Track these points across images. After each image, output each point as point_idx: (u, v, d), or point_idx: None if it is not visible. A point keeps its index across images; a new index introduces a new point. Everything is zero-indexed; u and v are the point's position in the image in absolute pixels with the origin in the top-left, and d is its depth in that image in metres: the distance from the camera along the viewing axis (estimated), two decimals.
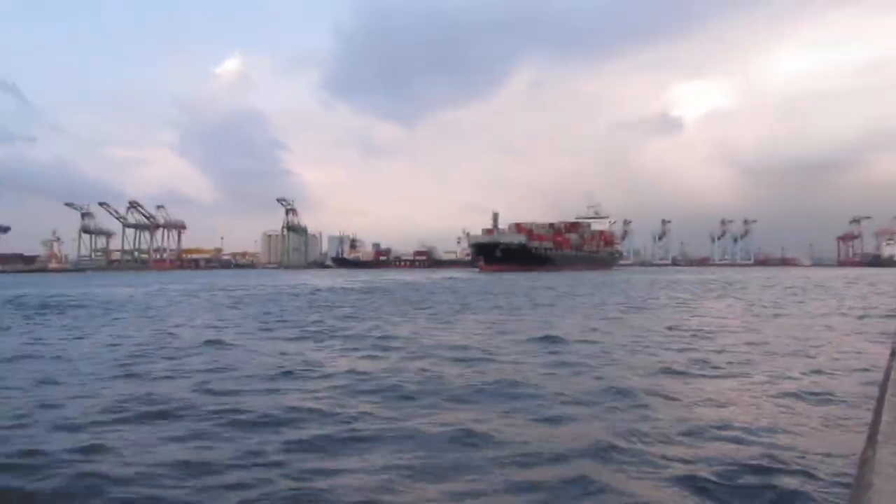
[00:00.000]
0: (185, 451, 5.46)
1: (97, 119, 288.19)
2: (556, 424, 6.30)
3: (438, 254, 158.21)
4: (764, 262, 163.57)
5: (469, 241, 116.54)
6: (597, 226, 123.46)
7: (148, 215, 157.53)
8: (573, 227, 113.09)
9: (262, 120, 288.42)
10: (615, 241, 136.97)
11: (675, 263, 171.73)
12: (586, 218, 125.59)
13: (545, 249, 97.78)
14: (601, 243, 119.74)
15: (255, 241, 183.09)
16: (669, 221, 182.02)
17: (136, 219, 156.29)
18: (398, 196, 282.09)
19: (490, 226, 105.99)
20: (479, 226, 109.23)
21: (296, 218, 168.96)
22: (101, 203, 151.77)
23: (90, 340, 13.81)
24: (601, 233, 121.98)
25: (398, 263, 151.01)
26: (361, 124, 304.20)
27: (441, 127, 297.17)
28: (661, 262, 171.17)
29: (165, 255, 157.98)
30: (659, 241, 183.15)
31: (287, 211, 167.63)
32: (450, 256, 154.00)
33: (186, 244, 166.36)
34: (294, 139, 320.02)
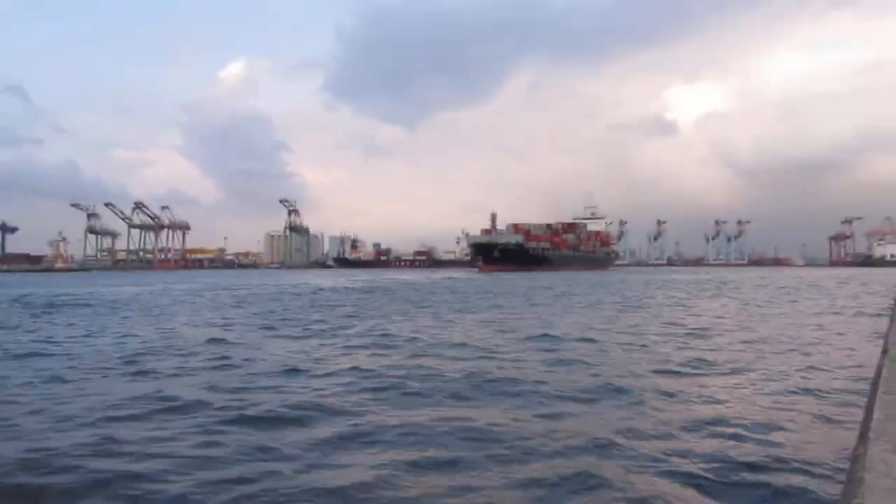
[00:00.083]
0: (196, 448, 5.52)
1: (103, 121, 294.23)
2: (554, 420, 6.40)
3: (438, 254, 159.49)
4: (757, 263, 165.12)
5: (468, 242, 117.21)
6: (593, 226, 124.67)
7: (153, 216, 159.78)
8: (570, 227, 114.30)
9: (266, 122, 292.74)
10: (611, 242, 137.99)
11: (670, 263, 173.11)
12: (583, 218, 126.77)
13: (542, 250, 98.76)
14: (597, 244, 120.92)
15: (258, 241, 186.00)
16: (665, 222, 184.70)
17: (141, 219, 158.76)
18: (399, 196, 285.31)
19: (489, 226, 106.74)
20: (478, 226, 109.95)
21: (298, 219, 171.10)
22: (107, 204, 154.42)
23: (97, 338, 13.94)
24: (598, 233, 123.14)
25: (398, 263, 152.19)
26: (363, 126, 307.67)
27: (441, 128, 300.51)
28: (657, 263, 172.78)
29: (170, 256, 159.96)
30: (654, 241, 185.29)
31: (289, 212, 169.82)
32: (449, 256, 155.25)
33: (190, 244, 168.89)
34: (296, 141, 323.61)
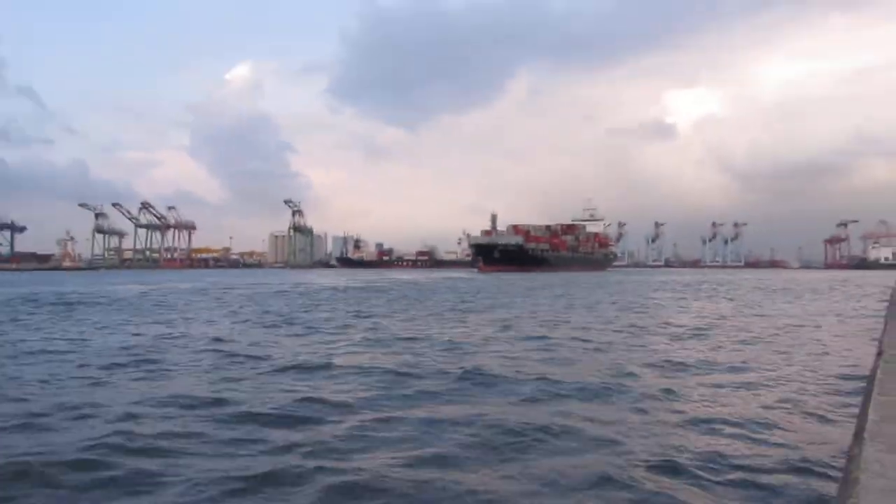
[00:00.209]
0: (215, 444, 5.51)
1: (111, 122, 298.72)
2: (551, 417, 6.38)
3: (440, 254, 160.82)
4: (754, 265, 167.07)
5: (469, 242, 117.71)
6: (592, 228, 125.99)
7: (159, 216, 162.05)
8: (569, 228, 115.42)
9: (271, 123, 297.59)
10: (610, 243, 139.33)
11: (667, 265, 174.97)
12: (582, 220, 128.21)
13: (542, 251, 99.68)
14: (596, 245, 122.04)
15: (263, 240, 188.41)
16: (663, 224, 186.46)
17: (147, 219, 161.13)
18: (401, 197, 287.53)
19: (489, 227, 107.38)
20: (479, 227, 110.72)
21: (302, 219, 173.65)
22: (115, 204, 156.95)
23: (105, 336, 14.03)
24: (596, 235, 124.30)
25: (400, 263, 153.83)
26: (366, 128, 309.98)
27: (443, 131, 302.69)
28: (655, 264, 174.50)
29: (176, 255, 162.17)
30: (652, 243, 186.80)
31: (294, 212, 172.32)
32: (451, 257, 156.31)
33: (196, 244, 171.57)
34: (301, 142, 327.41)
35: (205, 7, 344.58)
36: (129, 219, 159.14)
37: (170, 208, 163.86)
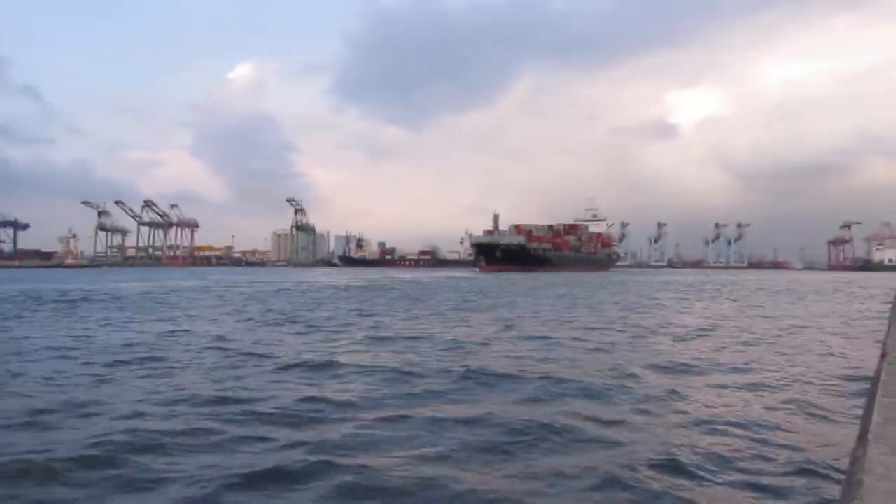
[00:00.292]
0: (219, 442, 5.53)
1: (114, 122, 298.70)
2: (558, 417, 6.37)
3: (442, 253, 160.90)
4: (757, 265, 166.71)
5: (471, 242, 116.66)
6: (595, 228, 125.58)
7: (162, 214, 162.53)
8: (571, 228, 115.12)
9: (274, 123, 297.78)
10: (612, 243, 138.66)
11: (670, 265, 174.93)
12: (584, 220, 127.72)
13: (544, 250, 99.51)
14: (599, 245, 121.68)
15: (265, 239, 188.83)
16: (665, 224, 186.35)
17: (150, 217, 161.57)
18: (403, 197, 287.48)
19: (491, 227, 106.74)
20: (482, 226, 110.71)
21: (304, 217, 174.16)
22: (118, 202, 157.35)
23: (109, 333, 14.04)
24: (599, 235, 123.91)
25: (403, 263, 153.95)
26: (368, 127, 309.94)
27: (445, 130, 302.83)
28: (657, 264, 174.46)
29: (178, 253, 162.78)
30: (655, 243, 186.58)
31: (296, 211, 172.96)
32: (453, 256, 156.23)
33: (199, 242, 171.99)
34: (304, 141, 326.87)
35: (207, 7, 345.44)
36: (132, 216, 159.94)
37: (173, 206, 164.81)
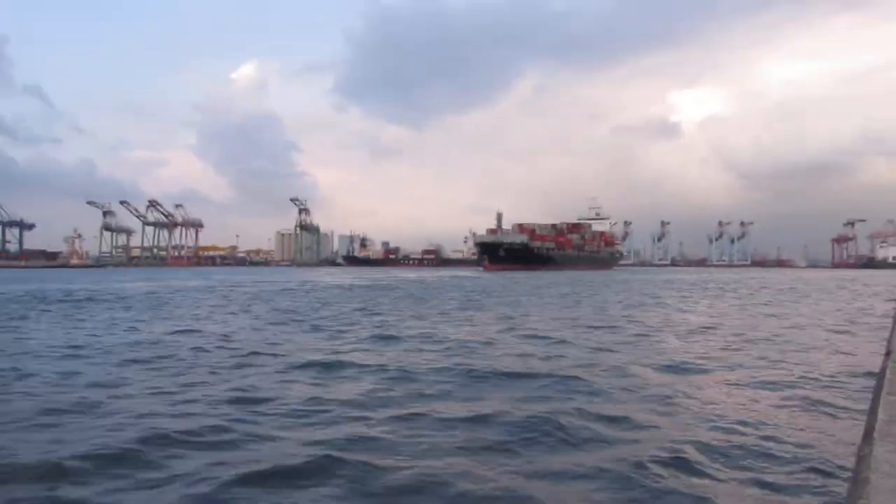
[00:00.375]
0: (229, 440, 5.55)
1: (118, 122, 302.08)
2: (564, 415, 6.36)
3: (446, 252, 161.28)
4: (760, 264, 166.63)
5: (474, 241, 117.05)
6: (598, 227, 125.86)
7: (167, 214, 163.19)
8: (575, 227, 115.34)
9: (277, 122, 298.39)
10: (616, 242, 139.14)
11: (673, 264, 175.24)
12: (588, 219, 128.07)
13: (547, 249, 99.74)
14: (602, 244, 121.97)
15: (269, 239, 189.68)
16: (669, 223, 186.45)
17: (155, 217, 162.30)
18: (406, 196, 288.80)
19: (494, 226, 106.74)
20: (485, 226, 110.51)
21: (308, 217, 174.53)
22: (122, 202, 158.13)
23: (115, 333, 14.02)
24: (602, 233, 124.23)
25: (407, 262, 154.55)
26: (371, 127, 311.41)
27: (447, 130, 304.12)
28: (661, 263, 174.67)
29: (183, 253, 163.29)
30: (658, 241, 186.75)
31: (300, 210, 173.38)
32: (457, 255, 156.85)
33: (203, 242, 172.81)
34: (306, 141, 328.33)
35: (209, 6, 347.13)
36: (137, 217, 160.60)
37: (177, 206, 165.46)
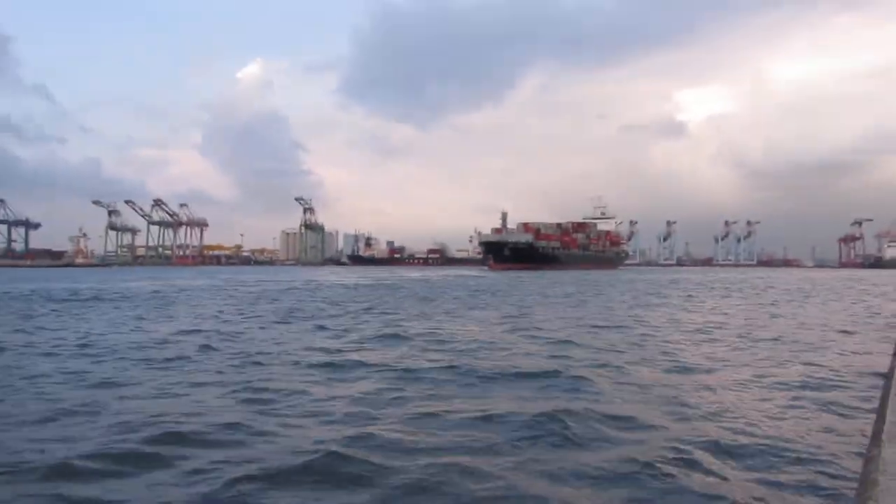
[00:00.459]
0: (241, 438, 5.59)
1: (124, 121, 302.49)
2: (570, 413, 6.34)
3: (451, 252, 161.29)
4: (767, 263, 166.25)
5: (479, 240, 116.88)
6: (603, 226, 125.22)
7: (172, 213, 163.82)
8: (580, 227, 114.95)
9: (283, 122, 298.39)
10: (621, 241, 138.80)
11: (679, 263, 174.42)
12: (593, 218, 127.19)
13: (552, 249, 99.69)
14: (607, 243, 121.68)
15: (274, 238, 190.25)
16: (674, 222, 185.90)
17: (160, 216, 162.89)
18: (412, 195, 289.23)
19: (499, 225, 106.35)
20: (490, 225, 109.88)
21: (313, 216, 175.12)
22: (127, 201, 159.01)
23: (122, 332, 14.05)
24: (607, 233, 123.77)
25: (412, 261, 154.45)
26: (377, 126, 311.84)
27: (454, 129, 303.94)
28: (666, 262, 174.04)
29: (188, 252, 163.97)
30: (664, 241, 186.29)
31: (305, 210, 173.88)
32: (462, 254, 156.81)
33: (208, 241, 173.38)
34: (312, 140, 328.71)
35: (214, 6, 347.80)
36: (142, 216, 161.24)
37: (182, 205, 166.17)
